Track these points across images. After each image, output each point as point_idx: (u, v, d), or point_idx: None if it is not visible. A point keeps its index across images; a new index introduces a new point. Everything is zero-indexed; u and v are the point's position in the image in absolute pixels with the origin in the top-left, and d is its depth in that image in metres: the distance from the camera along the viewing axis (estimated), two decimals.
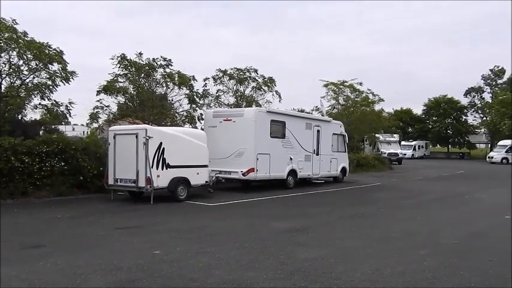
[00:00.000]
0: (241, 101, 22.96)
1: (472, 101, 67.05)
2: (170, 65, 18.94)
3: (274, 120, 15.83)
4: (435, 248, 7.28)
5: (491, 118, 58.43)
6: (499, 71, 65.60)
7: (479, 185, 20.85)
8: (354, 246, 7.34)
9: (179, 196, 12.26)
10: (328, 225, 9.47)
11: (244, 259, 6.33)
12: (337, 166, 19.67)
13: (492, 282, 5.54)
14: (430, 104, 65.99)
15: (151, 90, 19.25)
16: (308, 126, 17.65)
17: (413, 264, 6.21)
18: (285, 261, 6.28)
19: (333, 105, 33.52)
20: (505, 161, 45.45)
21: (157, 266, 5.91)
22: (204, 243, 7.26)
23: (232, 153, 15.01)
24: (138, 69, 18.58)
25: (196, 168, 12.81)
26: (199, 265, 5.98)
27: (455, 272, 5.89)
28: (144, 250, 6.73)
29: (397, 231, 8.83)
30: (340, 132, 20.05)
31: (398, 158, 40.77)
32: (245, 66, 23.02)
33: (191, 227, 8.82)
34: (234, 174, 15.01)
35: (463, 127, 64.40)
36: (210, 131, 15.31)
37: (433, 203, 13.94)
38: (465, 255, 6.85)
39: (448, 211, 12.23)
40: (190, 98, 19.71)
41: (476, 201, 14.30)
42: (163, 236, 7.86)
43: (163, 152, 11.95)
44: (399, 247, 7.37)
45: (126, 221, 9.45)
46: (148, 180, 11.62)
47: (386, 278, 5.61)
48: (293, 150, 16.59)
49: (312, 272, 5.75)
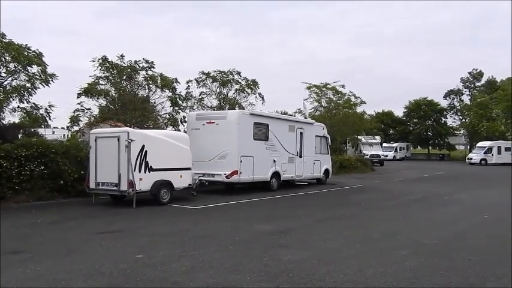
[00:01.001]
0: (225, 103, 22.93)
1: (452, 103, 68.41)
2: (152, 67, 18.81)
3: (257, 122, 15.86)
4: (416, 248, 7.39)
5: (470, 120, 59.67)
6: (477, 74, 67.07)
7: (459, 185, 21.24)
8: (337, 248, 7.39)
9: (162, 199, 12.17)
10: (311, 227, 9.52)
11: (227, 262, 6.32)
12: (320, 168, 19.80)
13: (472, 282, 5.64)
14: (410, 106, 66.99)
15: (133, 92, 19.07)
16: (291, 128, 17.74)
17: (394, 265, 6.30)
18: (268, 263, 6.30)
19: (315, 108, 33.75)
20: (483, 162, 46.38)
21: (140, 270, 5.85)
22: (188, 247, 7.22)
23: (216, 156, 14.98)
24: (120, 72, 18.39)
25: (179, 171, 12.74)
26: (182, 269, 5.95)
27: (435, 272, 5.99)
28: (127, 254, 6.67)
29: (379, 232, 8.93)
30: (323, 134, 20.20)
31: (380, 159, 41.23)
32: (228, 69, 23.03)
33: (174, 230, 8.76)
34: (218, 177, 14.98)
35: (443, 129, 65.56)
36: (193, 133, 15.26)
37: (414, 203, 14.15)
38: (445, 255, 6.96)
39: (428, 212, 12.43)
40: (173, 101, 19.59)
41: (456, 202, 14.56)
42: (146, 240, 7.79)
43: (145, 155, 11.85)
44: (381, 248, 7.45)
45: (108, 225, 9.34)
46: (130, 183, 11.51)
47: (369, 278, 5.67)
48: (276, 153, 16.64)
49: (295, 274, 5.78)
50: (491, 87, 61.64)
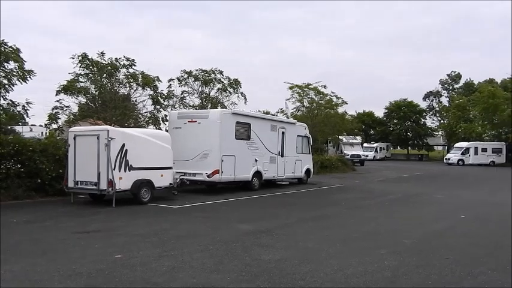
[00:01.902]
0: (207, 102, 22.82)
1: (431, 104, 69.69)
2: (133, 65, 18.61)
3: (239, 122, 15.84)
4: (395, 248, 7.48)
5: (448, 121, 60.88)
6: (455, 76, 68.46)
7: (437, 185, 21.62)
8: (317, 247, 7.43)
9: (142, 199, 12.05)
10: (292, 227, 9.54)
11: (208, 262, 6.29)
12: (302, 168, 19.89)
13: (448, 280, 5.74)
14: (391, 107, 67.90)
15: (114, 90, 18.82)
16: (273, 128, 17.77)
17: (374, 264, 6.37)
18: (249, 263, 6.29)
19: (297, 108, 33.87)
20: (461, 163, 47.32)
21: (118, 270, 5.77)
22: (168, 247, 7.16)
23: (197, 155, 14.90)
24: (100, 69, 18.13)
25: (160, 170, 12.62)
26: (162, 269, 5.89)
27: (413, 271, 6.07)
28: (105, 254, 6.57)
29: (359, 232, 9.02)
30: (304, 134, 20.30)
31: (361, 159, 41.68)
32: (210, 68, 22.94)
33: (154, 230, 8.67)
34: (199, 176, 14.90)
35: (422, 130, 66.68)
36: (175, 132, 15.14)
37: (393, 203, 14.34)
38: (423, 254, 7.07)
39: (407, 211, 12.62)
40: (154, 99, 19.41)
41: (434, 202, 14.81)
42: (126, 240, 7.69)
43: (126, 154, 11.70)
44: (361, 247, 7.52)
45: (87, 225, 9.18)
46: (110, 182, 11.35)
47: (349, 277, 5.72)
48: (258, 152, 16.64)
49: (276, 274, 5.78)
50: (468, 89, 63.04)
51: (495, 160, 47.59)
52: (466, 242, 8.20)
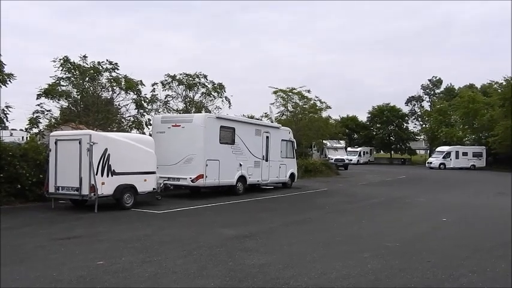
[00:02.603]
0: (191, 106, 22.75)
1: (413, 109, 70.87)
2: (116, 69, 18.42)
3: (223, 126, 15.81)
4: (378, 251, 7.54)
5: (430, 125, 61.90)
6: (436, 81, 69.77)
7: (419, 189, 21.89)
8: (301, 251, 7.44)
9: (125, 204, 11.92)
10: (276, 231, 9.54)
11: (192, 267, 6.24)
12: (286, 172, 19.93)
13: (430, 283, 5.81)
14: (374, 111, 68.69)
15: (97, 94, 18.60)
16: (257, 132, 17.78)
17: (357, 267, 6.40)
18: (233, 268, 6.26)
19: (282, 112, 34.05)
20: (442, 166, 48.02)
21: (100, 277, 5.69)
22: (151, 252, 7.08)
23: (181, 160, 14.81)
24: (83, 73, 17.90)
25: (143, 175, 12.51)
26: (145, 275, 5.82)
27: (396, 274, 6.13)
28: (87, 261, 6.46)
29: (343, 235, 9.07)
30: (288, 139, 20.35)
31: (345, 163, 41.99)
32: (194, 72, 22.89)
33: (137, 235, 8.57)
34: (183, 181, 14.81)
35: (405, 134, 67.61)
36: (158, 136, 15.03)
37: (376, 206, 14.46)
38: (406, 257, 7.14)
39: (390, 214, 12.74)
40: (137, 103, 19.24)
41: (416, 205, 15.00)
42: (108, 246, 7.59)
43: (108, 159, 11.57)
44: (344, 250, 7.57)
45: (68, 231, 9.03)
46: (92, 187, 11.20)
47: (332, 281, 5.74)
48: (242, 157, 16.63)
49: (260, 278, 5.77)
50: (449, 94, 64.25)
51: (475, 164, 48.44)
52: (447, 245, 8.31)
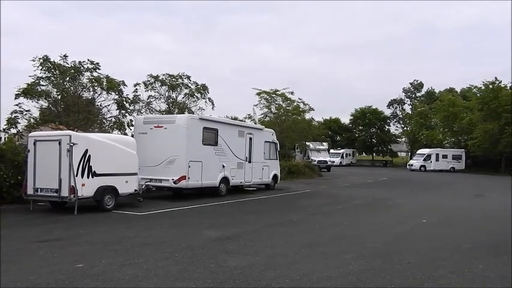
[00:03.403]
0: (174, 107, 22.59)
1: (394, 112, 71.77)
2: (98, 69, 18.18)
3: (206, 127, 15.74)
4: (360, 252, 7.59)
5: (411, 128, 62.82)
6: (418, 84, 70.83)
7: (400, 191, 22.17)
8: (284, 253, 7.45)
9: (106, 206, 11.76)
10: (259, 233, 9.53)
11: (173, 269, 6.18)
12: (269, 173, 19.95)
13: (410, 283, 5.87)
14: (356, 114, 69.32)
15: (77, 94, 18.32)
16: (241, 133, 17.77)
17: (339, 269, 6.44)
18: (215, 270, 6.22)
19: (265, 114, 34.05)
20: (423, 169, 48.78)
21: (79, 280, 5.59)
22: (131, 255, 6.99)
23: (163, 161, 14.69)
24: (63, 72, 17.61)
25: (124, 176, 12.36)
26: (125, 277, 5.74)
27: (377, 275, 6.18)
28: (65, 264, 6.34)
29: (325, 237, 9.11)
30: (272, 140, 20.39)
31: (327, 165, 42.25)
32: (177, 73, 22.74)
33: (118, 237, 8.45)
34: (165, 182, 14.69)
35: (386, 136, 68.44)
36: (140, 137, 14.88)
37: (358, 208, 14.59)
38: (387, 258, 7.21)
39: (372, 216, 12.86)
40: (119, 104, 19.01)
41: (398, 207, 15.18)
42: (87, 248, 7.46)
43: (89, 160, 11.40)
44: (327, 252, 7.60)
45: (46, 234, 8.85)
46: (72, 189, 11.02)
47: (314, 283, 5.75)
48: (225, 158, 16.58)
49: (242, 280, 5.75)
50: (430, 97, 65.31)
51: (455, 166, 49.32)
52: (427, 246, 8.42)
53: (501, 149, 44.03)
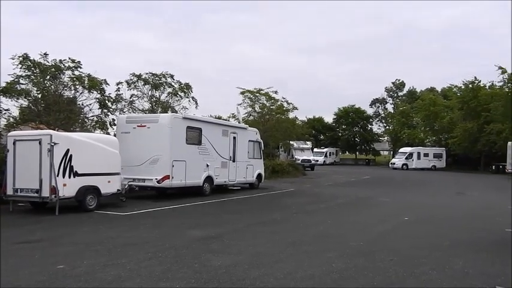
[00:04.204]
0: (157, 106, 22.40)
1: (377, 111, 72.52)
2: (79, 67, 17.90)
3: (190, 126, 15.68)
4: (343, 250, 7.66)
5: (393, 127, 63.62)
6: (399, 84, 71.70)
7: (383, 189, 22.43)
8: (268, 252, 7.47)
9: (88, 206, 11.63)
10: (243, 232, 9.55)
11: (156, 270, 6.14)
12: (253, 172, 19.98)
13: (393, 281, 5.95)
14: (339, 113, 69.86)
15: (58, 93, 18.02)
16: (225, 133, 17.74)
17: (322, 267, 6.49)
18: (199, 269, 6.21)
19: (249, 113, 34.08)
20: (405, 167, 49.42)
21: (60, 281, 5.51)
22: (114, 255, 6.93)
23: (147, 160, 14.58)
24: (43, 71, 17.30)
25: (107, 176, 12.24)
26: (108, 278, 5.68)
27: (360, 273, 6.24)
28: (46, 265, 6.25)
29: (309, 235, 9.17)
30: (256, 139, 20.41)
31: (311, 164, 42.47)
32: (161, 71, 22.54)
33: (100, 238, 8.36)
34: (148, 182, 14.58)
35: (369, 135, 69.15)
36: (123, 137, 14.75)
37: (341, 207, 14.72)
38: (369, 256, 7.29)
39: (355, 214, 12.99)
40: (101, 103, 18.76)
41: (380, 205, 15.36)
42: (69, 249, 7.36)
43: (70, 159, 11.25)
44: (310, 250, 7.65)
45: (26, 235, 8.70)
46: (53, 189, 10.87)
47: (298, 281, 5.78)
48: (209, 157, 16.54)
49: (226, 280, 5.75)
50: (412, 97, 66.20)
51: (436, 164, 50.12)
52: (408, 244, 8.54)
53: (480, 148, 44.93)
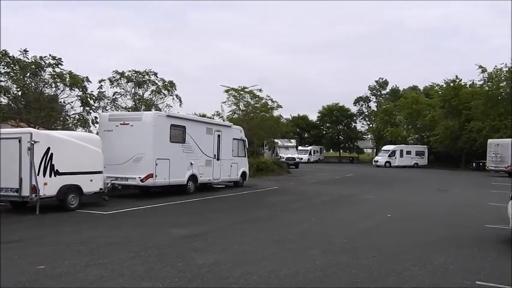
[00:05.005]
0: (140, 104, 22.19)
1: (360, 109, 73.16)
2: (60, 64, 17.62)
3: (174, 124, 15.55)
4: (326, 247, 7.71)
5: (377, 125, 64.22)
6: (383, 82, 72.41)
7: (366, 187, 22.64)
8: (252, 250, 7.47)
9: (70, 205, 11.45)
10: (227, 230, 9.52)
11: (139, 269, 6.08)
12: (238, 171, 19.95)
13: (375, 277, 6.01)
14: (324, 111, 70.27)
15: (39, 90, 17.71)
16: (209, 131, 17.66)
17: (306, 264, 6.51)
18: (182, 268, 6.17)
19: (233, 111, 34.04)
20: (388, 165, 49.96)
21: (41, 282, 5.42)
22: (96, 255, 6.83)
23: (130, 159, 14.42)
24: (23, 68, 16.97)
25: (89, 174, 12.07)
26: (89, 278, 5.61)
27: (343, 269, 6.29)
28: (27, 266, 6.13)
29: (293, 233, 9.19)
30: (240, 137, 20.37)
31: (296, 162, 42.59)
32: (144, 69, 22.34)
33: (82, 237, 8.24)
34: (132, 181, 14.43)
35: (353, 133, 69.74)
36: (106, 135, 14.57)
37: (326, 204, 14.80)
38: (353, 253, 7.35)
39: (338, 212, 13.08)
40: (83, 100, 18.50)
41: (364, 202, 15.50)
42: (50, 249, 7.24)
43: (51, 158, 11.06)
44: (294, 248, 7.67)
45: (6, 235, 8.48)
46: (33, 188, 10.66)
47: (282, 279, 5.79)
48: (194, 155, 16.45)
49: (209, 278, 5.72)
50: (394, 95, 66.90)
51: (418, 162, 50.80)
52: (391, 240, 8.64)
53: (461, 145, 45.73)
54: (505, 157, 33.95)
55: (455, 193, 19.86)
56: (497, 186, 22.42)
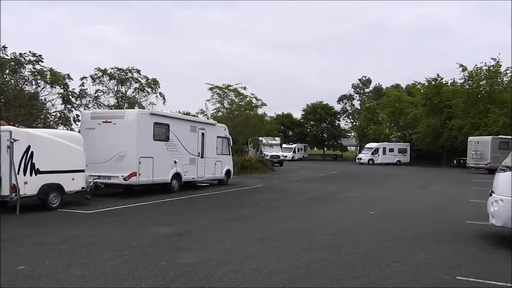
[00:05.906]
0: (123, 102, 21.96)
1: (344, 107, 73.66)
2: (41, 61, 17.34)
3: (157, 122, 15.43)
4: (310, 245, 7.75)
5: (360, 123, 64.80)
6: (366, 81, 73.06)
7: (350, 184, 22.83)
8: (236, 248, 7.46)
9: (51, 204, 11.28)
10: (211, 228, 9.50)
11: (122, 268, 6.02)
12: (222, 169, 19.90)
13: (358, 273, 6.07)
14: (308, 109, 70.51)
15: (19, 88, 17.39)
16: (193, 129, 17.57)
17: (290, 261, 6.54)
18: (166, 267, 6.13)
19: (218, 109, 33.91)
20: (371, 162, 50.49)
21: (21, 283, 5.33)
22: (78, 254, 6.75)
23: (113, 157, 14.26)
24: (2, 65, 16.65)
25: (71, 173, 11.90)
26: (71, 278, 5.53)
27: (327, 266, 6.34)
28: (6, 266, 6.02)
29: (277, 231, 9.22)
30: (224, 135, 20.32)
31: (280, 160, 42.69)
32: (127, 67, 22.11)
33: (63, 237, 8.12)
34: (115, 179, 14.27)
35: (337, 131, 70.16)
36: (88, 133, 14.37)
37: (310, 202, 14.88)
38: (336, 250, 7.41)
39: (322, 209, 13.16)
40: (64, 98, 18.24)
41: (347, 199, 15.62)
42: (30, 249, 7.12)
43: (32, 156, 10.87)
44: (278, 246, 7.69)
45: None
46: (13, 187, 10.47)
47: (266, 276, 5.80)
48: (177, 154, 16.35)
49: (193, 277, 5.70)
50: (377, 93, 67.57)
51: (401, 159, 51.47)
52: (374, 237, 8.73)
53: (442, 143, 46.47)
54: (484, 154, 34.60)
55: (437, 190, 20.17)
56: (477, 183, 22.83)
